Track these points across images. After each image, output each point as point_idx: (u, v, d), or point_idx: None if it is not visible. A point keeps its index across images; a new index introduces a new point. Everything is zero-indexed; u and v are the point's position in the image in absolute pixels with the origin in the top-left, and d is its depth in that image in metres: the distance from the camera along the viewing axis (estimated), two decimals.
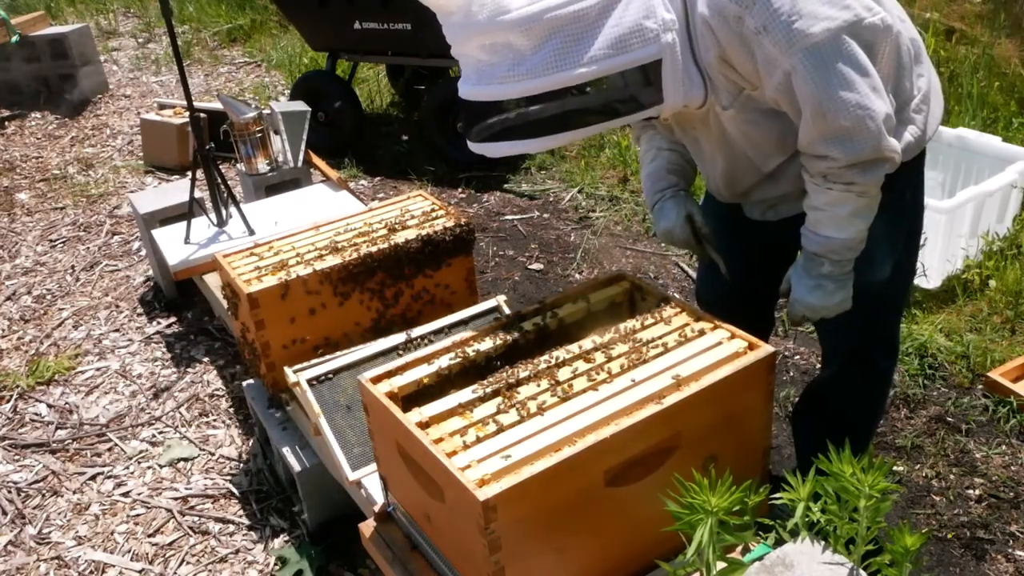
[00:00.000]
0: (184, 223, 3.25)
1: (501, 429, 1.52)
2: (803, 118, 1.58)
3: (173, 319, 3.64)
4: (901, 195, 1.82)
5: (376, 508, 1.90)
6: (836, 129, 1.55)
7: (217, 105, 4.76)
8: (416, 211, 2.64)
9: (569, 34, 1.50)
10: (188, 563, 2.48)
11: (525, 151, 1.68)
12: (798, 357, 3.08)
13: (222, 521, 2.61)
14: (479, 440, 1.50)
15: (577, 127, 1.61)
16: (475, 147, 1.67)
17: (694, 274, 2.17)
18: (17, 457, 2.95)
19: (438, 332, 2.30)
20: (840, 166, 1.59)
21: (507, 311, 2.32)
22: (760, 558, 1.61)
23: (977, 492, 2.47)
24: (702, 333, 1.73)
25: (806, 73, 1.51)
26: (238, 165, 3.87)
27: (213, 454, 2.88)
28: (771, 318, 2.33)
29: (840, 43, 1.50)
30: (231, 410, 3.09)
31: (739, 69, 1.60)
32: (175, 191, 3.78)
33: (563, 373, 1.65)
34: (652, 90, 1.60)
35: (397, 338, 2.28)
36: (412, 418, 1.57)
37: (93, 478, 2.83)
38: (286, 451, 2.45)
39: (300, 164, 3.82)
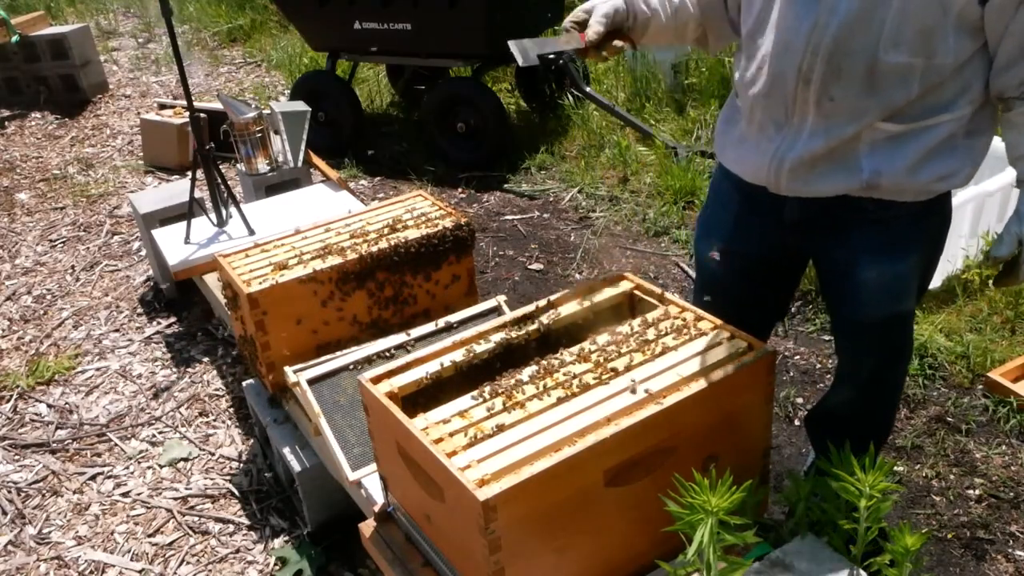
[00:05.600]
0: (184, 223, 3.25)
1: (501, 429, 1.52)
2: None
3: (173, 319, 3.64)
4: (940, 229, 1.83)
5: (376, 508, 1.90)
6: None
7: (217, 105, 4.77)
8: (416, 211, 2.64)
9: None
10: (188, 563, 2.48)
11: None
12: (798, 357, 3.08)
13: (222, 521, 2.61)
14: (479, 440, 1.50)
15: None
16: None
17: (694, 274, 2.17)
18: (17, 457, 2.95)
19: (438, 332, 2.31)
20: None
21: (507, 311, 2.32)
22: (760, 558, 1.61)
23: (977, 492, 2.47)
24: (702, 333, 1.74)
25: None
26: (238, 165, 3.87)
27: (213, 454, 2.88)
28: (768, 334, 2.20)
29: None
30: (231, 410, 3.09)
31: None
32: (175, 191, 3.78)
33: (563, 373, 1.65)
34: None
35: (397, 338, 2.28)
36: (414, 420, 1.57)
37: (93, 478, 2.83)
38: (286, 451, 2.45)
39: (300, 164, 3.82)
